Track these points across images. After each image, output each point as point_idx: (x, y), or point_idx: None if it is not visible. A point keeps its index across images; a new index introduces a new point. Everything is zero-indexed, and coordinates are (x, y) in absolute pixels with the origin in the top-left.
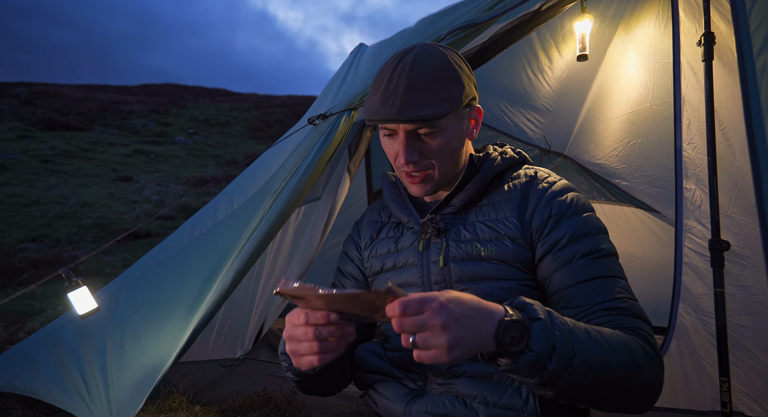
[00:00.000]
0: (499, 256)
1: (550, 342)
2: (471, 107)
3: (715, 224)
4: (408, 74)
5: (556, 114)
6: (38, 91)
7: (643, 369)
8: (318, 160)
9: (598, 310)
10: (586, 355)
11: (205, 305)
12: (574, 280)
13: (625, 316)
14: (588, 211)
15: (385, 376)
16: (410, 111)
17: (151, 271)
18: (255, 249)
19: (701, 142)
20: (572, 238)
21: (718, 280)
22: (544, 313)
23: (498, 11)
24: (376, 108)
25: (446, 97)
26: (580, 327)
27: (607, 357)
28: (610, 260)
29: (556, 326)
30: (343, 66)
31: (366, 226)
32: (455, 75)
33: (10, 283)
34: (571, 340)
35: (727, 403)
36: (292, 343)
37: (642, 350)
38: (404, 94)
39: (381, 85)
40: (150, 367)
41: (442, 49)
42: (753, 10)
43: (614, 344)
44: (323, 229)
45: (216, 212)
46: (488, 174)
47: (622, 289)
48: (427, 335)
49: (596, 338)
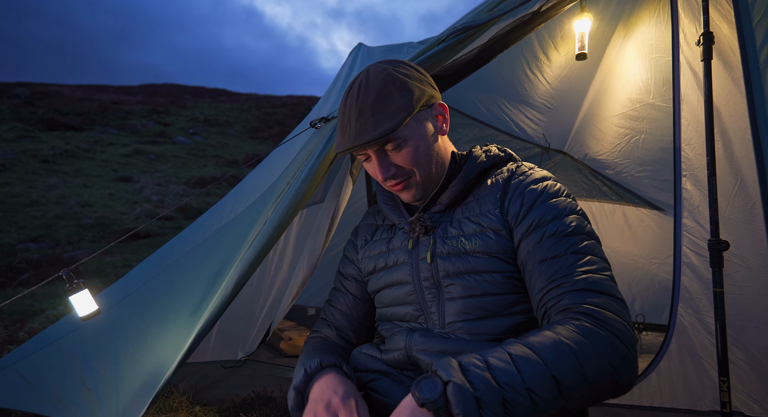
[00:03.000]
0: (483, 249)
1: (469, 396)
2: (430, 107)
3: (714, 224)
4: (356, 101)
5: (556, 111)
6: (38, 91)
7: (588, 359)
8: (320, 164)
9: (552, 288)
10: (515, 382)
11: (208, 309)
12: (538, 259)
13: (576, 292)
14: (559, 196)
15: (380, 374)
16: (365, 135)
17: (156, 277)
18: (258, 253)
19: (700, 142)
20: (540, 222)
21: (718, 280)
22: (454, 369)
23: (498, 12)
24: (339, 140)
25: (395, 110)
26: (499, 355)
27: (542, 371)
28: (577, 237)
29: (469, 374)
30: (343, 67)
31: (362, 229)
32: (401, 85)
33: (10, 284)
34: (489, 378)
35: (726, 402)
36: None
37: (581, 339)
38: (356, 121)
39: (340, 117)
40: (154, 372)
41: (387, 64)
42: (755, 3)
43: (547, 351)
44: (327, 232)
45: (220, 216)
46: (471, 171)
47: (584, 264)
48: None
49: (523, 358)
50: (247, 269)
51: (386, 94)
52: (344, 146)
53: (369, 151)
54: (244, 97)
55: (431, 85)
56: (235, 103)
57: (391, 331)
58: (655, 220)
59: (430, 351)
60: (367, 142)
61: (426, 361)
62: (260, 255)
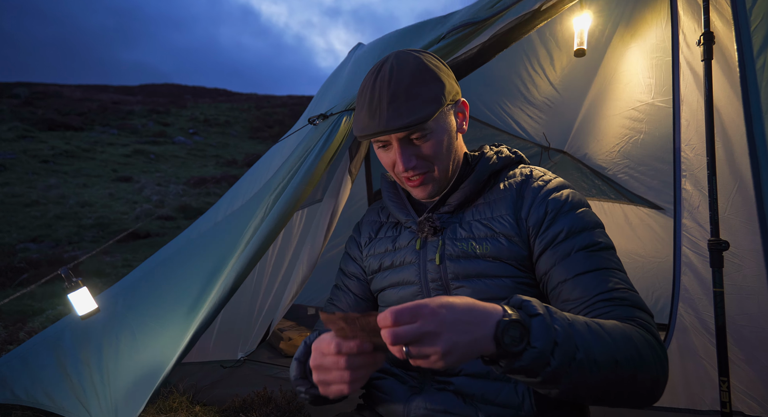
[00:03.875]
0: (494, 254)
1: (551, 337)
2: (455, 102)
3: (714, 224)
4: (388, 84)
5: (557, 110)
6: (38, 91)
7: (647, 361)
8: (319, 161)
9: (597, 301)
10: (588, 348)
11: (206, 307)
12: (573, 273)
13: (625, 307)
14: (584, 207)
15: (384, 374)
16: (398, 120)
17: (148, 272)
18: (256, 251)
19: (699, 143)
20: (569, 233)
21: (718, 280)
22: (543, 308)
23: (499, 8)
24: (365, 124)
25: (429, 99)
26: (580, 321)
27: (611, 350)
28: (607, 253)
29: (556, 321)
30: (342, 65)
31: (366, 226)
32: (434, 75)
33: (10, 283)
34: (572, 334)
35: (726, 402)
36: (321, 373)
37: (645, 341)
38: (389, 104)
39: (365, 100)
40: (149, 369)
41: (416, 53)
42: (753, 9)
43: (617, 337)
44: (326, 231)
45: (217, 214)
46: (483, 173)
47: (620, 281)
48: (421, 343)
49: (597, 331)
50: (245, 266)
51: (421, 81)
52: (372, 130)
53: (392, 137)
54: (244, 97)
55: (456, 82)
56: (235, 103)
57: None
58: (655, 220)
59: None
60: (399, 128)
61: None
62: (259, 252)
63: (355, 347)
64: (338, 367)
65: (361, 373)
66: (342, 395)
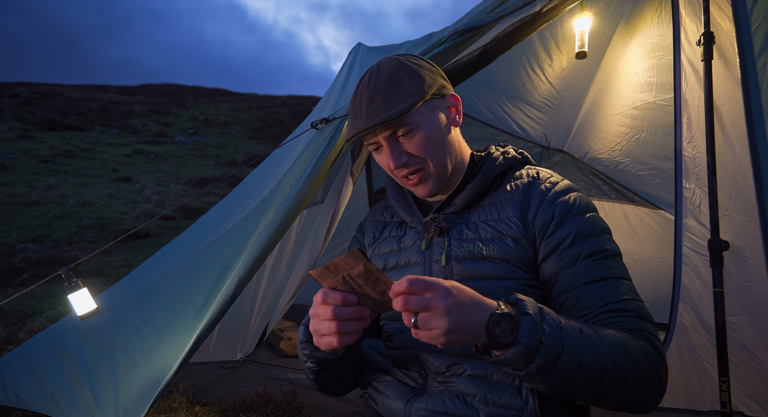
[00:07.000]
0: (501, 256)
1: (537, 336)
2: (442, 96)
3: (714, 224)
4: (368, 88)
5: (557, 110)
6: (38, 91)
7: (641, 369)
8: (321, 164)
9: (603, 312)
10: (575, 352)
11: (210, 312)
12: (580, 282)
13: (630, 318)
14: (591, 212)
15: (386, 373)
16: (375, 117)
17: (159, 281)
18: (258, 255)
19: (701, 141)
20: (576, 239)
21: (718, 279)
22: (535, 308)
23: (500, 14)
24: (350, 126)
25: (407, 94)
26: (573, 325)
27: (600, 356)
28: (614, 261)
29: (546, 322)
30: (343, 67)
31: (370, 225)
32: (413, 72)
33: (10, 283)
34: (561, 336)
35: (726, 402)
36: (315, 321)
37: (642, 350)
38: (367, 105)
39: (352, 107)
40: (157, 374)
41: (398, 56)
42: (754, 9)
43: (610, 344)
44: (326, 233)
45: (221, 220)
46: (490, 173)
47: (627, 291)
48: (429, 316)
49: (591, 337)
50: (248, 271)
51: (397, 80)
52: (355, 130)
53: (380, 138)
54: (244, 97)
55: (443, 77)
56: (235, 103)
57: (401, 329)
58: (655, 219)
59: (439, 353)
60: (377, 124)
61: (434, 362)
62: (261, 257)
63: (340, 298)
64: (327, 317)
65: (349, 326)
66: (333, 348)
